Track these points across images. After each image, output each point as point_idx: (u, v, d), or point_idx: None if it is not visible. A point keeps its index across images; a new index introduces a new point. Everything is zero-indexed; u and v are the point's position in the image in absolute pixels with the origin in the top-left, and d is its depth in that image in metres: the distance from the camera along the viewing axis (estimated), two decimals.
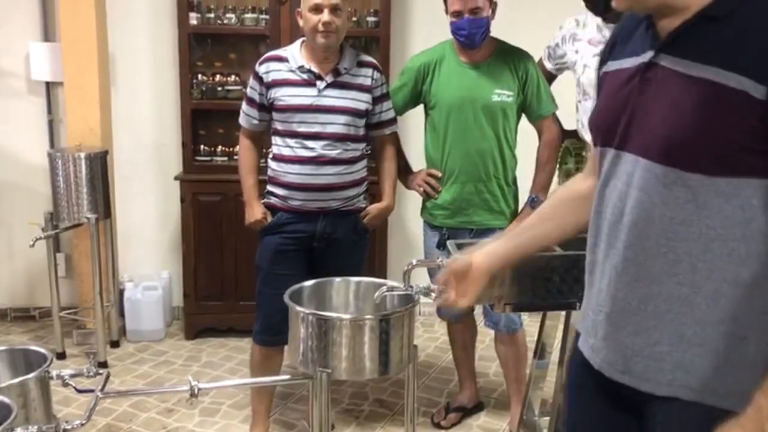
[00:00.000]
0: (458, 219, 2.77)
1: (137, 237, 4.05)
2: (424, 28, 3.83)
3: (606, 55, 1.35)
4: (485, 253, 1.51)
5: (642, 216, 1.18)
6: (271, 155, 2.72)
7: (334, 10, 2.53)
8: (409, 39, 3.91)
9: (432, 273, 2.67)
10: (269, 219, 2.70)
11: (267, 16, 3.67)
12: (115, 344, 3.72)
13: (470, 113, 2.70)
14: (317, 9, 2.53)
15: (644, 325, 1.21)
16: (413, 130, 3.23)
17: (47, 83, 3.85)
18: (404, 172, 2.93)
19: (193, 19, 3.64)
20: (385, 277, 3.44)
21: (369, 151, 2.83)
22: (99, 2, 3.63)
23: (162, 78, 3.88)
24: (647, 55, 1.20)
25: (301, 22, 2.61)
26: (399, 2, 3.83)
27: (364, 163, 2.75)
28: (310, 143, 2.60)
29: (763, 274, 1.13)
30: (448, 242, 2.31)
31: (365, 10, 3.77)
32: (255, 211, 2.70)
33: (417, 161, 2.96)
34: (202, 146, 3.81)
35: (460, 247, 1.99)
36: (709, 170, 1.11)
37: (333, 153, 2.61)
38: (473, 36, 2.63)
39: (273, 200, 2.70)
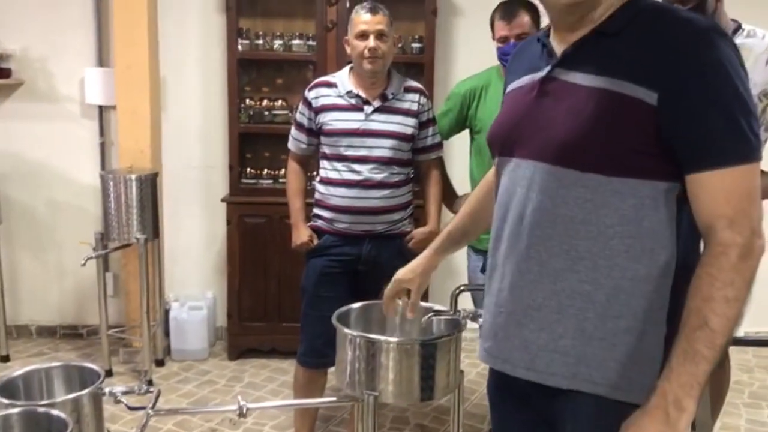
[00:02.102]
0: None
1: (183, 257, 4.12)
2: (468, 54, 3.86)
3: (507, 82, 1.43)
4: (412, 270, 1.75)
5: (544, 217, 1.23)
6: (318, 179, 2.76)
7: (380, 36, 2.59)
8: (453, 65, 3.94)
9: (476, 298, 2.66)
10: (315, 241, 2.73)
11: (314, 43, 3.74)
12: (160, 363, 3.78)
13: None
14: (363, 35, 2.59)
15: (548, 321, 1.25)
16: (458, 154, 3.24)
17: (100, 107, 3.97)
18: (449, 196, 2.94)
19: (242, 45, 3.73)
20: (426, 301, 3.44)
21: (413, 175, 2.85)
22: (152, 29, 3.73)
23: (210, 102, 3.97)
24: (544, 71, 1.27)
25: (348, 50, 2.66)
26: (443, 29, 3.87)
27: (409, 187, 2.77)
28: (357, 167, 2.63)
29: (658, 271, 1.19)
30: None
31: (410, 36, 3.81)
32: (302, 234, 2.74)
33: (462, 185, 2.97)
34: (248, 169, 3.87)
35: None
36: (605, 171, 1.18)
37: (379, 176, 2.64)
38: None
39: (319, 223, 2.73)
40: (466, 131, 2.91)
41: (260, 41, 3.79)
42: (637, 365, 1.20)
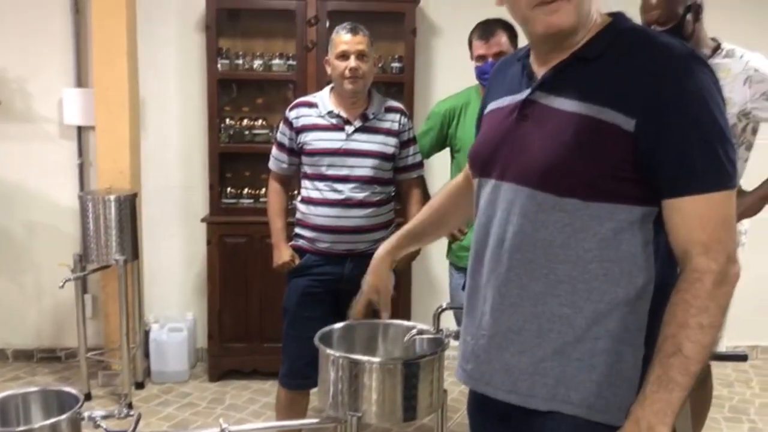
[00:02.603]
0: None
1: (163, 278, 4.08)
2: (447, 73, 3.89)
3: (485, 101, 1.44)
4: (372, 284, 1.81)
5: (524, 240, 1.24)
6: (299, 198, 2.76)
7: (361, 56, 2.61)
8: (433, 84, 3.97)
9: (458, 316, 2.67)
10: (297, 261, 2.72)
11: (294, 62, 3.75)
12: (140, 385, 3.73)
13: None
14: (344, 56, 2.60)
15: (529, 344, 1.25)
16: (439, 173, 3.26)
17: (78, 127, 3.95)
18: None
19: (222, 65, 3.73)
20: (408, 319, 3.43)
21: (394, 193, 2.86)
22: (131, 50, 3.73)
23: (190, 122, 3.97)
24: (524, 93, 1.28)
25: (329, 70, 2.68)
26: (422, 49, 3.90)
27: (391, 205, 2.78)
28: (338, 186, 2.63)
29: (636, 293, 1.20)
30: None
31: (390, 56, 3.84)
32: (283, 254, 2.73)
33: None
34: (228, 189, 3.86)
35: None
36: (583, 195, 1.18)
37: (360, 196, 2.64)
38: None
39: (301, 242, 2.73)
40: (447, 150, 2.93)
41: (240, 61, 3.80)
42: (615, 387, 1.21)
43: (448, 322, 2.03)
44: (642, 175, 1.17)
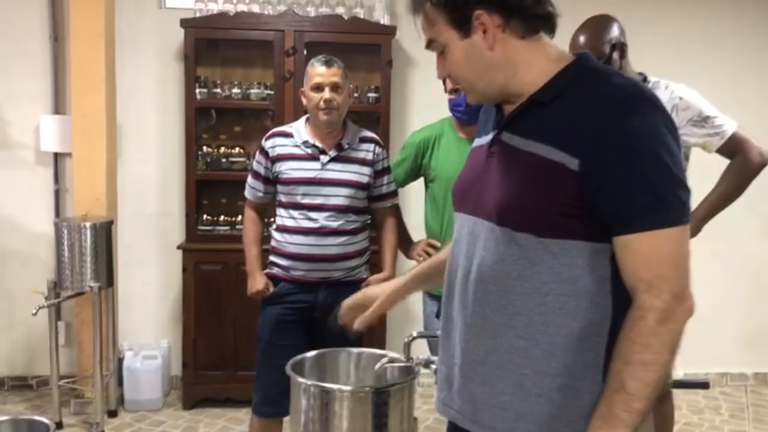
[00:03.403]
0: None
1: (138, 305, 4.07)
2: (422, 104, 3.96)
3: (476, 137, 1.50)
4: (382, 289, 1.76)
5: (485, 272, 1.28)
6: (274, 226, 2.78)
7: (335, 88, 2.66)
8: (408, 114, 4.04)
9: (432, 344, 2.69)
10: (271, 289, 2.74)
11: (271, 92, 3.80)
12: (112, 414, 3.70)
13: None
14: (319, 88, 2.66)
15: (490, 375, 1.29)
16: (414, 202, 3.31)
17: (55, 154, 3.95)
18: (405, 242, 2.99)
19: (200, 93, 3.77)
20: (384, 348, 3.45)
21: (369, 222, 2.89)
22: (110, 77, 3.75)
23: (168, 149, 3.99)
24: (493, 133, 1.35)
25: (304, 101, 2.73)
26: (398, 80, 3.97)
27: (366, 234, 2.81)
28: (313, 215, 2.67)
29: (592, 329, 1.22)
30: None
31: (366, 86, 3.90)
32: (257, 282, 2.75)
33: (417, 232, 3.02)
34: (205, 216, 3.88)
35: None
36: (536, 231, 1.22)
37: (335, 224, 2.67)
38: (470, 111, 2.73)
39: (275, 270, 2.75)
40: (422, 179, 2.97)
41: (218, 89, 3.84)
42: (573, 422, 1.23)
43: (420, 349, 2.06)
44: (590, 212, 1.19)
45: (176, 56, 3.92)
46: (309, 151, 2.71)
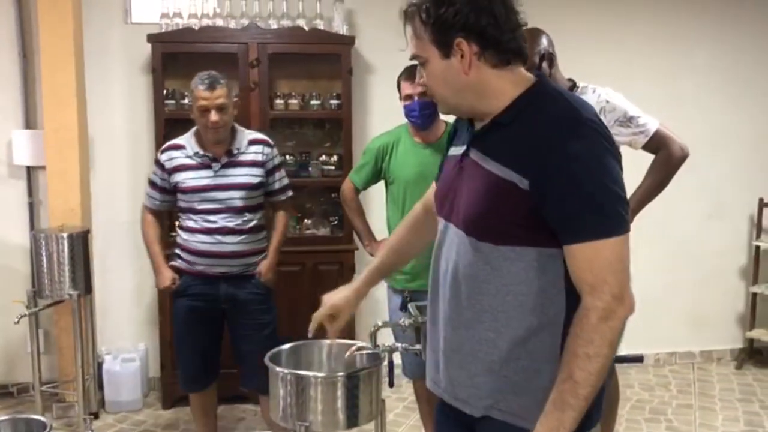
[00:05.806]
0: (418, 283, 3.00)
1: (115, 310, 4.20)
2: (382, 109, 4.14)
3: (448, 143, 1.69)
4: (345, 300, 1.91)
5: (458, 274, 1.49)
6: (178, 225, 3.07)
7: (220, 109, 2.88)
8: (369, 119, 4.23)
9: (396, 332, 2.90)
10: (177, 283, 3.02)
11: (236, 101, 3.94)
12: (94, 416, 3.83)
13: (425, 188, 2.88)
14: (205, 110, 2.87)
15: (465, 362, 1.51)
16: (376, 202, 3.52)
17: (28, 167, 4.06)
18: (368, 237, 3.21)
19: (168, 105, 3.91)
20: (353, 335, 3.66)
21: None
22: (80, 92, 3.87)
23: (138, 160, 4.12)
24: (464, 147, 1.54)
25: (193, 117, 2.95)
26: (359, 87, 4.15)
27: (264, 233, 3.09)
28: (211, 217, 2.94)
29: (548, 320, 1.42)
30: (409, 304, 2.53)
31: (328, 93, 4.08)
32: (164, 278, 3.03)
33: (381, 230, 3.23)
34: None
35: (420, 308, 2.23)
36: (494, 240, 1.42)
37: (232, 224, 2.95)
38: (423, 116, 2.93)
39: (179, 262, 3.03)
40: (382, 182, 3.18)
41: (186, 101, 3.97)
42: (534, 397, 1.41)
43: (385, 337, 2.27)
44: (541, 223, 1.36)
45: (144, 70, 4.05)
46: (200, 160, 2.94)
